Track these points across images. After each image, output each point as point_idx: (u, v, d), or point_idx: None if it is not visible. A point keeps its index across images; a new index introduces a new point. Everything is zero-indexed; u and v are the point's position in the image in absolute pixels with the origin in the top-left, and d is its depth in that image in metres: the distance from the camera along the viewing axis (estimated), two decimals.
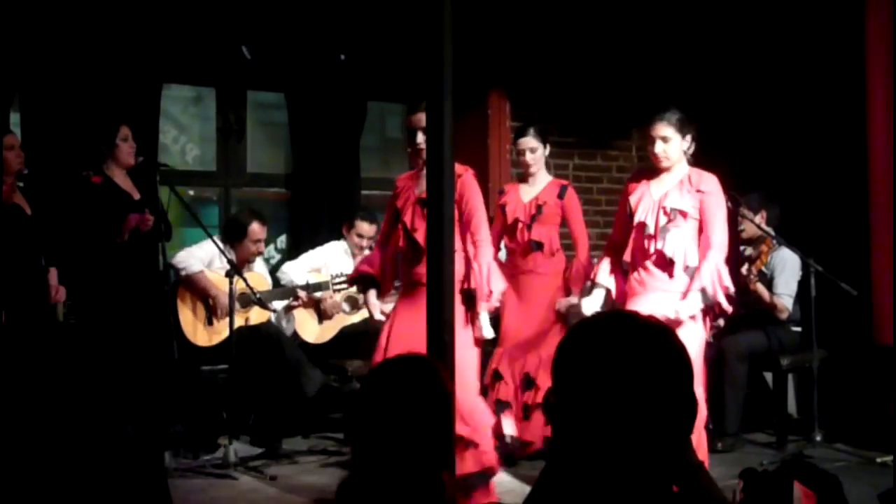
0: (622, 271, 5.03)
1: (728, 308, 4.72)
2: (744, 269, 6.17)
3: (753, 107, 7.38)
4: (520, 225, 5.89)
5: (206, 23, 6.61)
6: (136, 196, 5.94)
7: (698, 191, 4.77)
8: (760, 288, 6.29)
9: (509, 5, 7.37)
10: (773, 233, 6.37)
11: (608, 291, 5.00)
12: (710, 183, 4.81)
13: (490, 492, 4.68)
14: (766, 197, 6.55)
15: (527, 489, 1.87)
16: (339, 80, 7.21)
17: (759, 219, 6.45)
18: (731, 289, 4.71)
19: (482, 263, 4.64)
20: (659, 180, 4.88)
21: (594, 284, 5.05)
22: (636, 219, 4.86)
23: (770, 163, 7.17)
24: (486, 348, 5.87)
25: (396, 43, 7.03)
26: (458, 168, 4.59)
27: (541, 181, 5.98)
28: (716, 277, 4.64)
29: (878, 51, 6.08)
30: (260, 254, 6.45)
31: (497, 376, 5.74)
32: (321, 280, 6.46)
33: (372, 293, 5.03)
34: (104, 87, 6.23)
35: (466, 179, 4.71)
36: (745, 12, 7.26)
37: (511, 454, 5.65)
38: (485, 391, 5.46)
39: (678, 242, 4.74)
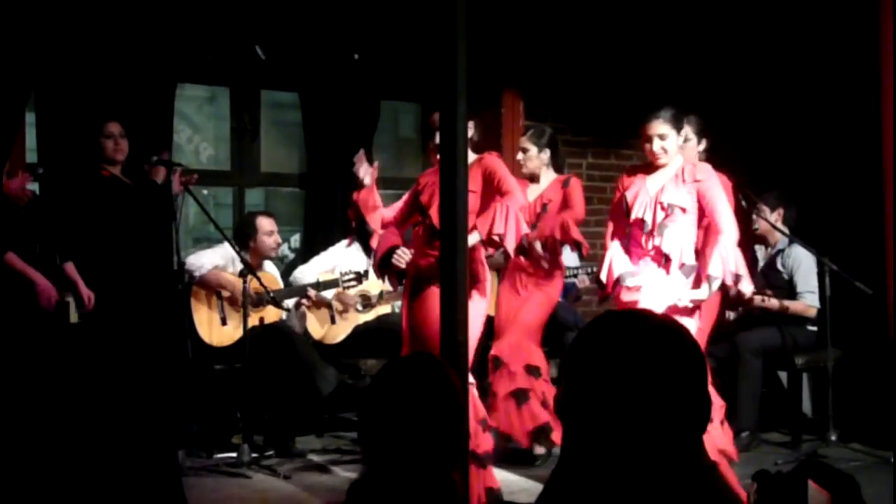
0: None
1: (745, 290, 4.78)
2: (757, 300, 6.21)
3: (768, 106, 7.36)
4: None
5: (220, 23, 6.62)
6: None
7: (695, 181, 4.80)
8: (782, 304, 6.32)
9: (523, 5, 7.36)
10: (786, 231, 6.36)
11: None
12: (704, 171, 4.86)
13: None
14: (784, 197, 6.54)
15: (539, 488, 1.86)
16: (353, 79, 7.21)
17: (776, 216, 6.44)
18: (742, 273, 4.76)
19: (505, 206, 4.66)
20: (654, 175, 4.89)
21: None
22: (633, 215, 4.87)
23: (785, 162, 7.16)
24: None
25: (410, 42, 7.03)
26: (476, 155, 4.73)
27: (545, 180, 5.99)
28: (726, 264, 4.66)
29: (893, 51, 6.05)
30: (279, 244, 6.44)
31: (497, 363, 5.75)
32: (331, 278, 6.46)
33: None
34: (119, 86, 6.25)
35: (489, 160, 4.79)
36: (759, 12, 7.24)
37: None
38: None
39: (675, 239, 4.75)
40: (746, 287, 4.87)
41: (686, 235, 4.77)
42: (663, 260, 4.77)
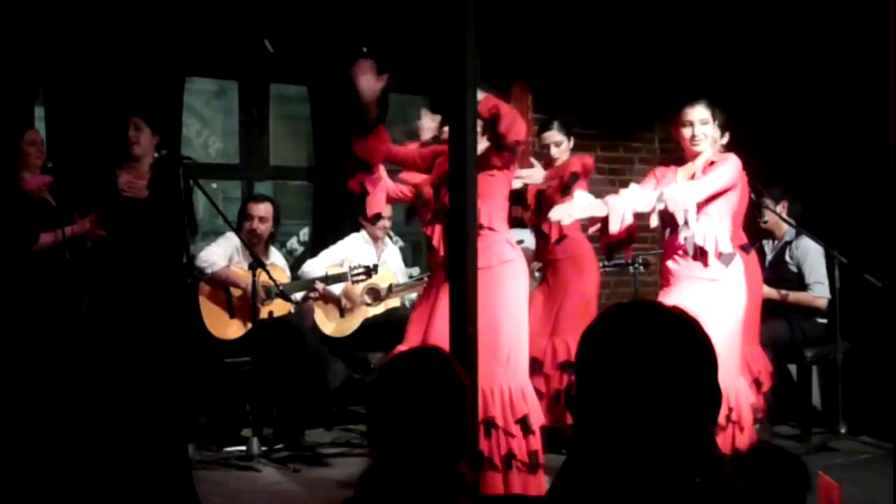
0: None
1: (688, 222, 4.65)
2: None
3: (777, 98, 7.34)
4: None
5: (228, 16, 6.63)
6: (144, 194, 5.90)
7: (710, 163, 4.80)
8: (782, 293, 6.31)
9: None
10: (793, 222, 6.36)
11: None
12: (724, 157, 4.86)
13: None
14: (789, 190, 6.54)
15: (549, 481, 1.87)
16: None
17: (780, 209, 6.44)
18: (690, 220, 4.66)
19: None
20: (686, 168, 4.87)
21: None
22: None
23: (794, 153, 7.14)
24: None
25: (419, 35, 7.03)
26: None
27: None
28: (679, 194, 4.62)
29: None
30: (256, 230, 6.29)
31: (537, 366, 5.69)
32: (340, 272, 6.46)
33: None
34: (128, 80, 6.25)
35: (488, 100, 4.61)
36: (769, 5, 7.22)
37: None
38: None
39: (709, 230, 4.70)
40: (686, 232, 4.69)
41: (718, 225, 4.74)
42: (699, 253, 4.72)
